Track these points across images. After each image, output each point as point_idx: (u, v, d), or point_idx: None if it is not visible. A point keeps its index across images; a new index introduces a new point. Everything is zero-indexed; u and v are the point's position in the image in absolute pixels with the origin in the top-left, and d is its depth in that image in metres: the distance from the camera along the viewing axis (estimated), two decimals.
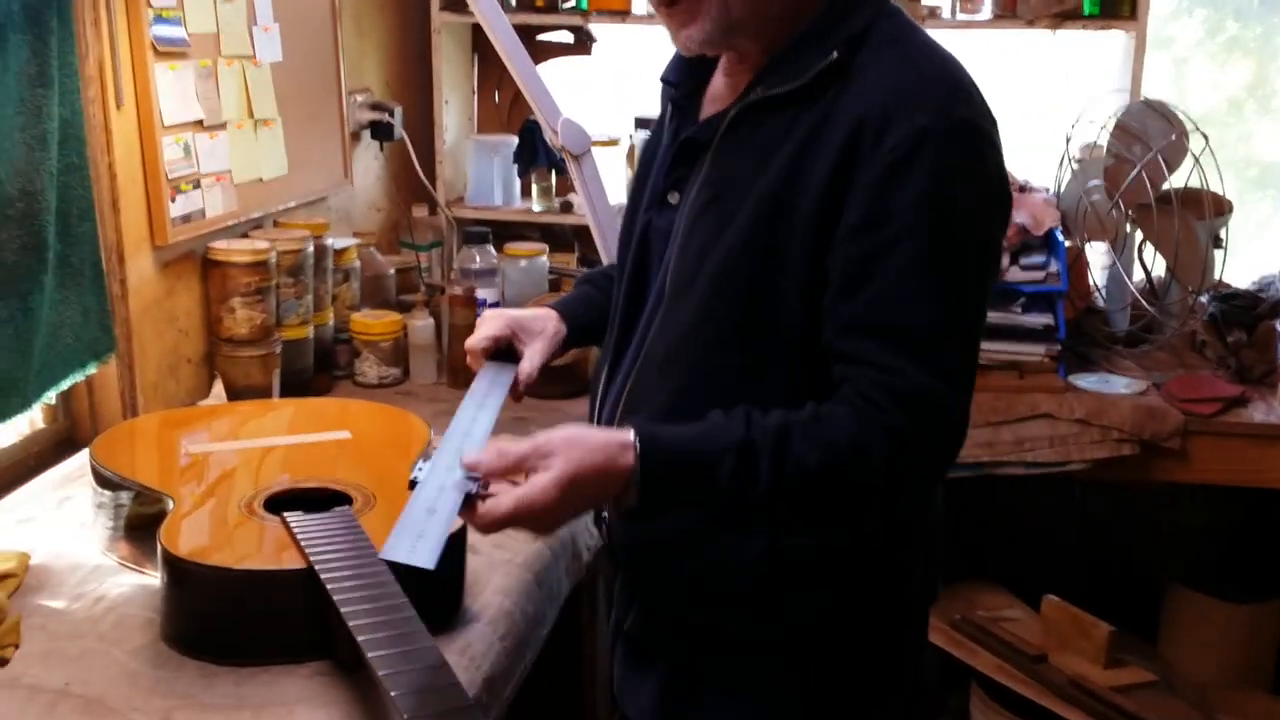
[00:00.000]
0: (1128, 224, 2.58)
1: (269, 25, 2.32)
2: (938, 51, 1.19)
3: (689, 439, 1.14)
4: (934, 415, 1.12)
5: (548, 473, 1.09)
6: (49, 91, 1.71)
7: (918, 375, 1.11)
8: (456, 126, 3.17)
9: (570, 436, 1.11)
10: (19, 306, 1.67)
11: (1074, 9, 2.68)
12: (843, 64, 1.16)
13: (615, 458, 1.10)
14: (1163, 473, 2.42)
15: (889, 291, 1.12)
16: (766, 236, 1.17)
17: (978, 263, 1.16)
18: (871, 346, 1.13)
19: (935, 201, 1.11)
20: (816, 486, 1.13)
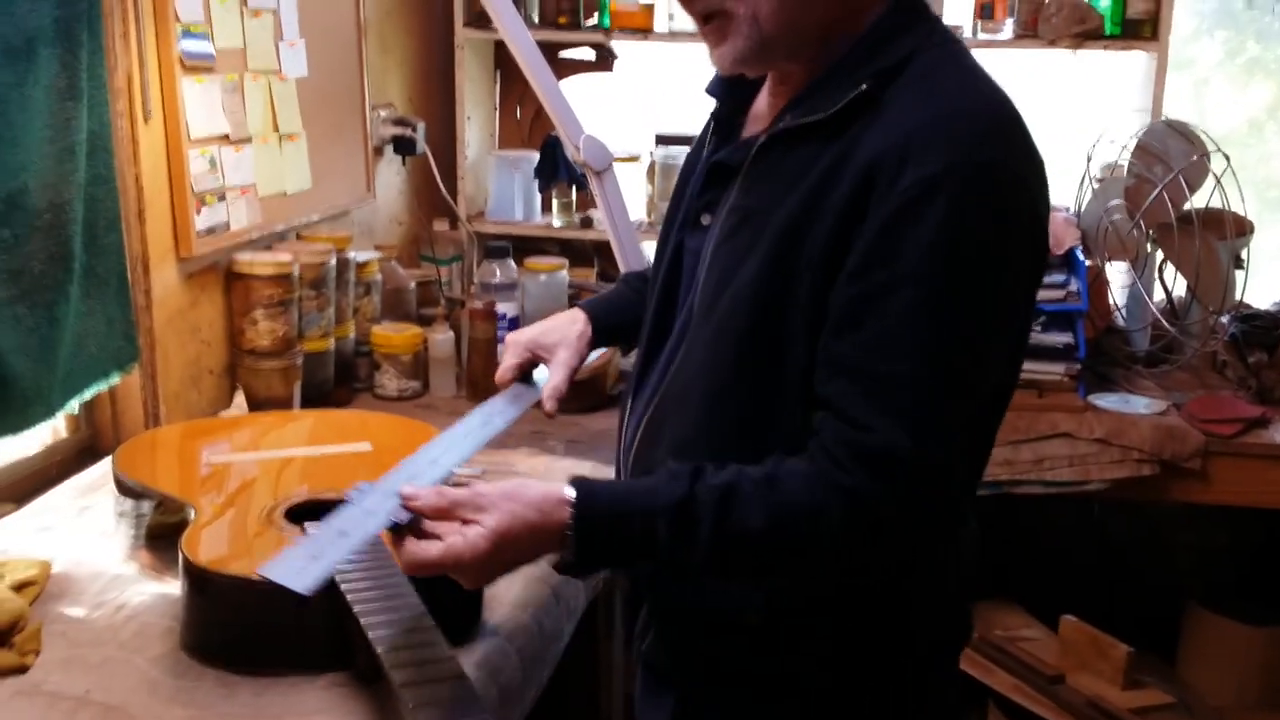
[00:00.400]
0: (1148, 244, 2.58)
1: (295, 41, 2.34)
2: (975, 87, 1.11)
3: (627, 497, 1.10)
4: (900, 477, 1.04)
5: (479, 527, 1.07)
6: (78, 104, 1.73)
7: (888, 432, 1.04)
8: (478, 142, 3.19)
9: (508, 490, 1.10)
10: (45, 316, 1.69)
11: (1095, 29, 2.69)
12: (873, 96, 1.10)
13: (550, 514, 1.08)
14: (1182, 493, 2.41)
15: (880, 337, 1.05)
16: (781, 271, 1.12)
17: (990, 318, 1.07)
18: (848, 392, 1.07)
19: (946, 247, 1.03)
20: (763, 550, 1.08)
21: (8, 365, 1.60)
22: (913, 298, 1.04)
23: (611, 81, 3.22)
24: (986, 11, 2.75)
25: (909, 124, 1.07)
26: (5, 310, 1.61)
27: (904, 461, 1.04)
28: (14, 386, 1.62)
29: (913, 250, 1.03)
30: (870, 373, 1.06)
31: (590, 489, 1.10)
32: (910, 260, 1.04)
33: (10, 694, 1.31)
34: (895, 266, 1.04)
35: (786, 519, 1.07)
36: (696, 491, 1.07)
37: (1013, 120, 1.10)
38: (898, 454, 1.04)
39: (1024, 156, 1.09)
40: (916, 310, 1.04)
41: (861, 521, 1.06)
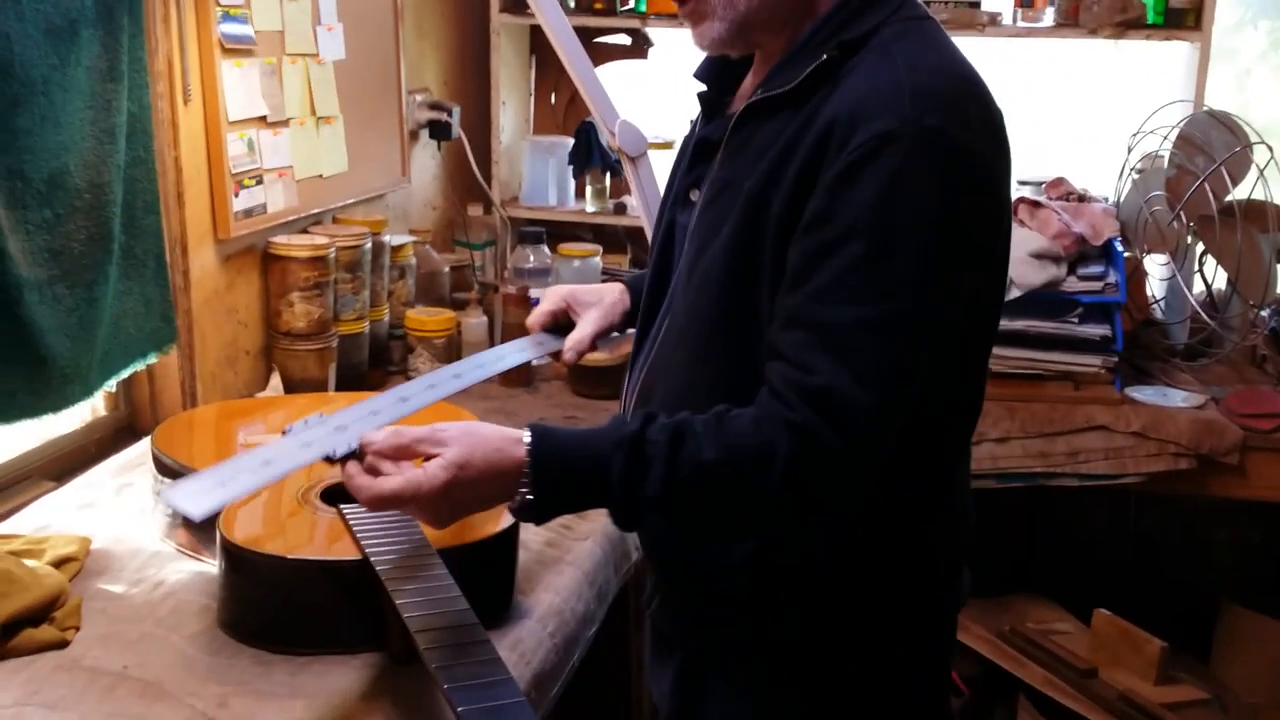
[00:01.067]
0: (1189, 236, 2.55)
1: (333, 24, 2.34)
2: (931, 59, 1.15)
3: (582, 436, 1.14)
4: (842, 415, 1.08)
5: (438, 459, 1.10)
6: (118, 86, 1.74)
7: (830, 373, 1.08)
8: (513, 127, 3.19)
9: (467, 428, 1.14)
10: (84, 296, 1.70)
11: (1138, 19, 2.66)
12: (834, 68, 1.15)
13: (507, 451, 1.11)
14: (1220, 488, 2.39)
15: (825, 288, 1.09)
16: (748, 237, 1.17)
17: (934, 274, 1.10)
18: (794, 340, 1.11)
19: (885, 204, 1.08)
20: (714, 485, 1.11)
21: (47, 344, 1.61)
22: (854, 250, 1.08)
23: (646, 68, 3.21)
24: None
25: (862, 91, 1.12)
26: (45, 290, 1.62)
27: (847, 399, 1.08)
28: (53, 365, 1.63)
29: (855, 206, 1.08)
30: (816, 321, 1.10)
31: (546, 429, 1.14)
32: (852, 215, 1.08)
33: (51, 668, 1.32)
34: (839, 222, 1.09)
35: (737, 453, 1.09)
36: (648, 430, 1.11)
37: (967, 91, 1.14)
38: (842, 391, 1.08)
39: (975, 126, 1.12)
40: (858, 262, 1.08)
41: (808, 456, 1.08)
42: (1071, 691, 2.38)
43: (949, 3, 2.73)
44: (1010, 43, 2.83)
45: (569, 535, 1.74)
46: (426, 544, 1.37)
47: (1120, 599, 2.61)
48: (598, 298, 1.51)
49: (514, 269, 2.64)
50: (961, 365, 1.22)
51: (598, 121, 2.29)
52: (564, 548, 1.70)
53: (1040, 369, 2.45)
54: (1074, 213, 2.53)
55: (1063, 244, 2.45)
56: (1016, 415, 2.38)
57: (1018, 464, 2.37)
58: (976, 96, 1.15)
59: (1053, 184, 2.70)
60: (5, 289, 1.53)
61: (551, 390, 2.46)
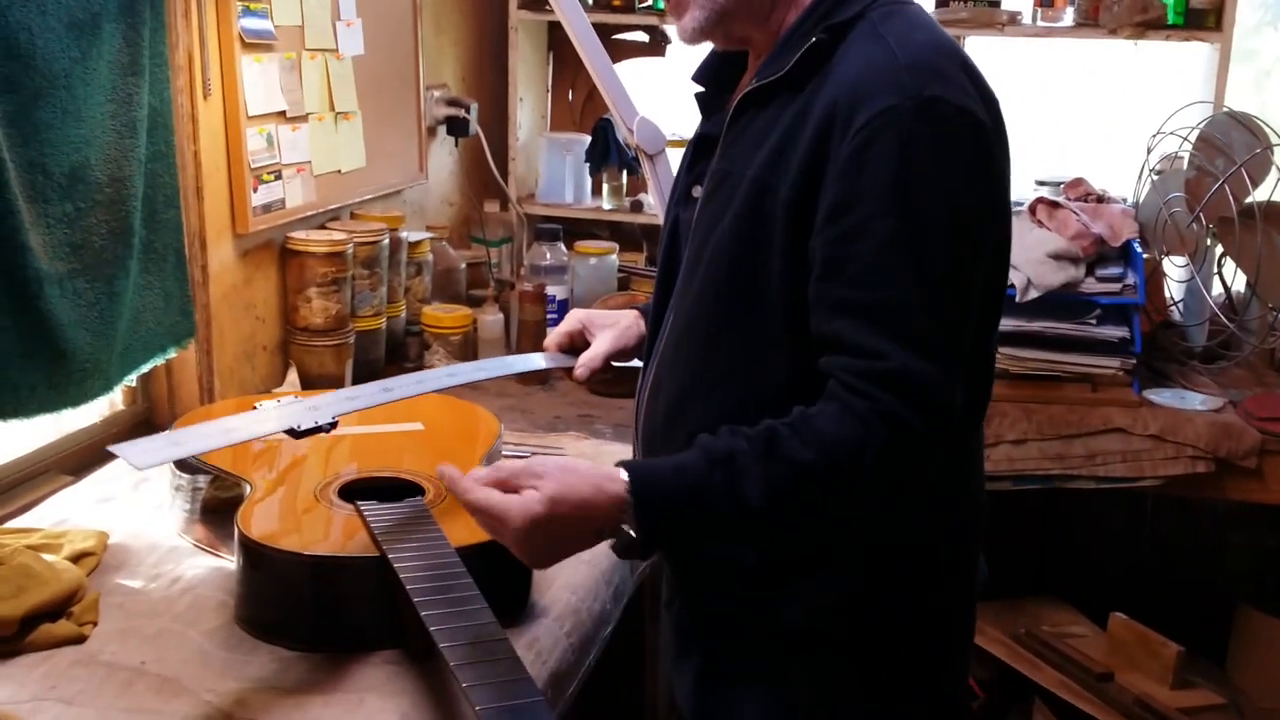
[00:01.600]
0: (1208, 237, 2.53)
1: (352, 20, 2.34)
2: (921, 36, 1.17)
3: (674, 464, 1.14)
4: (923, 394, 1.10)
5: (535, 492, 1.11)
6: (140, 80, 1.74)
7: (899, 355, 1.09)
8: (530, 124, 3.19)
9: (563, 464, 1.14)
10: (104, 290, 1.70)
11: (1158, 19, 2.64)
12: (825, 51, 1.17)
13: (604, 488, 1.11)
14: (1237, 492, 2.38)
15: (864, 271, 1.11)
16: (752, 226, 1.18)
17: (959, 237, 1.13)
18: (850, 327, 1.12)
19: (902, 178, 1.10)
20: (815, 484, 1.11)
21: (67, 339, 1.62)
22: (884, 229, 1.10)
23: (664, 65, 3.20)
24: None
25: (858, 71, 1.14)
26: (66, 284, 1.62)
27: (922, 377, 1.10)
28: (73, 360, 1.63)
29: (874, 186, 1.10)
30: (866, 305, 1.11)
31: (639, 465, 1.15)
32: (873, 196, 1.10)
33: (69, 663, 1.33)
34: (862, 205, 1.11)
35: (830, 450, 1.10)
36: (738, 440, 1.12)
37: (959, 65, 1.16)
38: (914, 373, 1.10)
39: (971, 94, 1.14)
40: (891, 239, 1.10)
41: (900, 441, 1.10)
42: (1087, 695, 2.37)
43: (968, 1, 2.72)
44: (1029, 42, 2.82)
45: None
46: (445, 542, 1.37)
47: (1136, 602, 2.60)
48: (614, 321, 1.55)
49: (530, 266, 2.64)
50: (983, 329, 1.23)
51: (615, 119, 2.29)
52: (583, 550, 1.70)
53: (1058, 371, 2.44)
54: (1093, 213, 2.51)
55: (1081, 245, 2.43)
56: (1033, 417, 2.37)
57: (1034, 466, 2.36)
58: (968, 70, 1.17)
59: (1071, 184, 2.69)
60: (26, 283, 1.54)
61: (567, 388, 2.45)
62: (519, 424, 2.17)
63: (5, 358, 1.53)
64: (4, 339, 1.52)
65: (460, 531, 1.40)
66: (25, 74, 1.53)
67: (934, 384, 1.11)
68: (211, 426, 1.12)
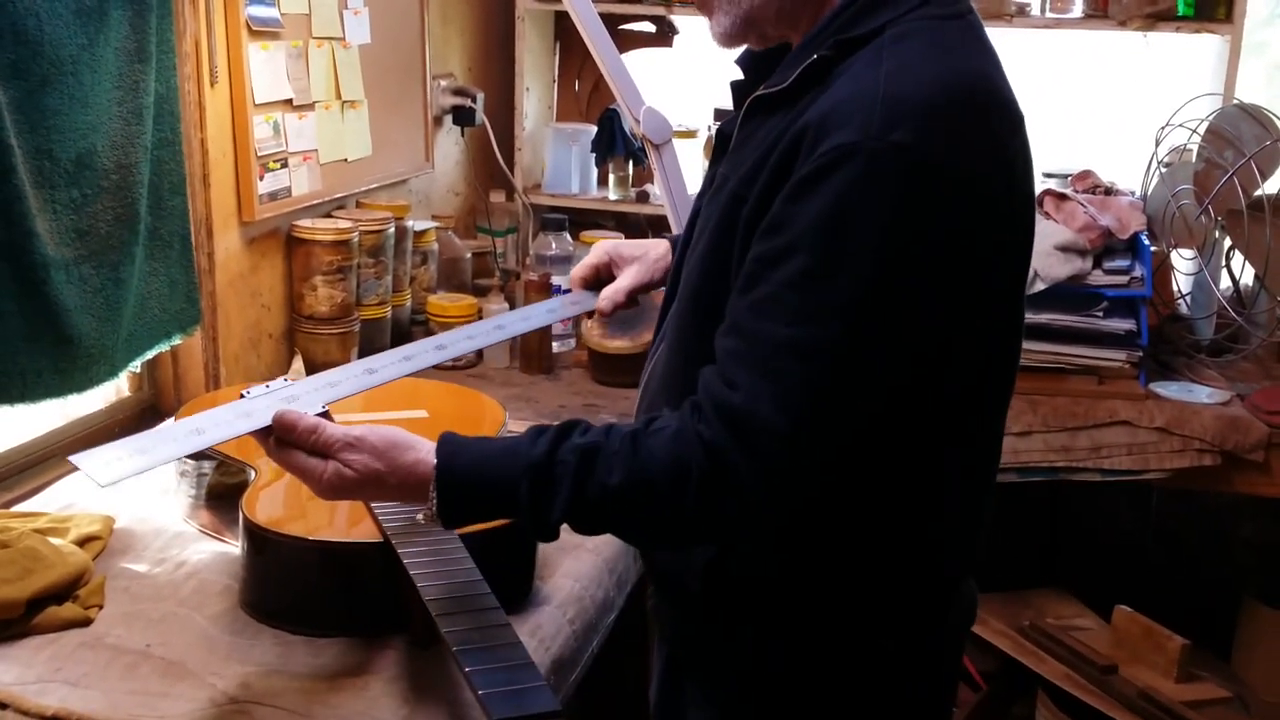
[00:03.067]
0: (1216, 230, 2.52)
1: (359, 9, 2.34)
2: (928, 67, 1.07)
3: (485, 462, 1.12)
4: (753, 437, 1.03)
5: (345, 470, 1.13)
6: (146, 67, 1.74)
7: (750, 392, 1.04)
8: (536, 114, 3.18)
9: (381, 446, 1.14)
10: (110, 276, 1.70)
11: (1168, 10, 2.63)
12: (828, 67, 1.10)
13: (411, 473, 1.13)
14: (1244, 485, 2.37)
15: (763, 300, 1.06)
16: (723, 236, 1.14)
17: (869, 302, 1.03)
18: (727, 347, 1.08)
19: (832, 222, 1.02)
20: (622, 508, 1.09)
21: (73, 324, 1.62)
22: (796, 265, 1.04)
23: (671, 56, 3.20)
24: None
25: (842, 95, 1.06)
26: (72, 270, 1.63)
27: (760, 420, 1.03)
28: (79, 345, 1.64)
29: (803, 220, 1.04)
30: (750, 332, 1.06)
31: (452, 453, 1.13)
32: (799, 228, 1.04)
33: (75, 646, 1.33)
34: (787, 232, 1.05)
35: (649, 474, 1.07)
36: (559, 450, 1.09)
37: (961, 102, 1.05)
38: (758, 418, 1.03)
39: (959, 142, 1.04)
40: (797, 278, 1.04)
41: (718, 475, 1.05)
42: (1091, 688, 2.37)
43: None
44: (1038, 33, 2.81)
45: None
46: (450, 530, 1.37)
47: (1141, 595, 2.60)
48: (642, 252, 1.49)
49: (536, 256, 2.64)
50: (944, 390, 1.12)
51: (622, 108, 2.29)
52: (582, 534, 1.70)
53: (1063, 363, 2.43)
54: (1100, 206, 2.51)
55: (1088, 237, 2.43)
56: (1039, 409, 2.36)
57: (1039, 458, 2.36)
58: (969, 107, 1.06)
59: (1079, 176, 2.68)
60: (32, 268, 1.54)
61: (573, 377, 2.46)
62: (524, 413, 2.17)
63: (11, 343, 1.53)
64: (10, 324, 1.53)
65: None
66: (33, 60, 1.53)
67: (772, 435, 1.03)
68: (179, 427, 1.10)
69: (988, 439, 1.25)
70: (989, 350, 1.16)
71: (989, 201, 1.07)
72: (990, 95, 1.09)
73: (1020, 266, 1.17)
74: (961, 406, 1.17)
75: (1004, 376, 1.22)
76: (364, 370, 1.27)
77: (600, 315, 1.48)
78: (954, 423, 1.17)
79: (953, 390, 1.14)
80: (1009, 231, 1.12)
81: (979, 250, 1.08)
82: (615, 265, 1.50)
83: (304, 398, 1.18)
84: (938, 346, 1.09)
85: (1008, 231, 1.12)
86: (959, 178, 1.04)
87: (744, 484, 1.05)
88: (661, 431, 1.08)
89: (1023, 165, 1.12)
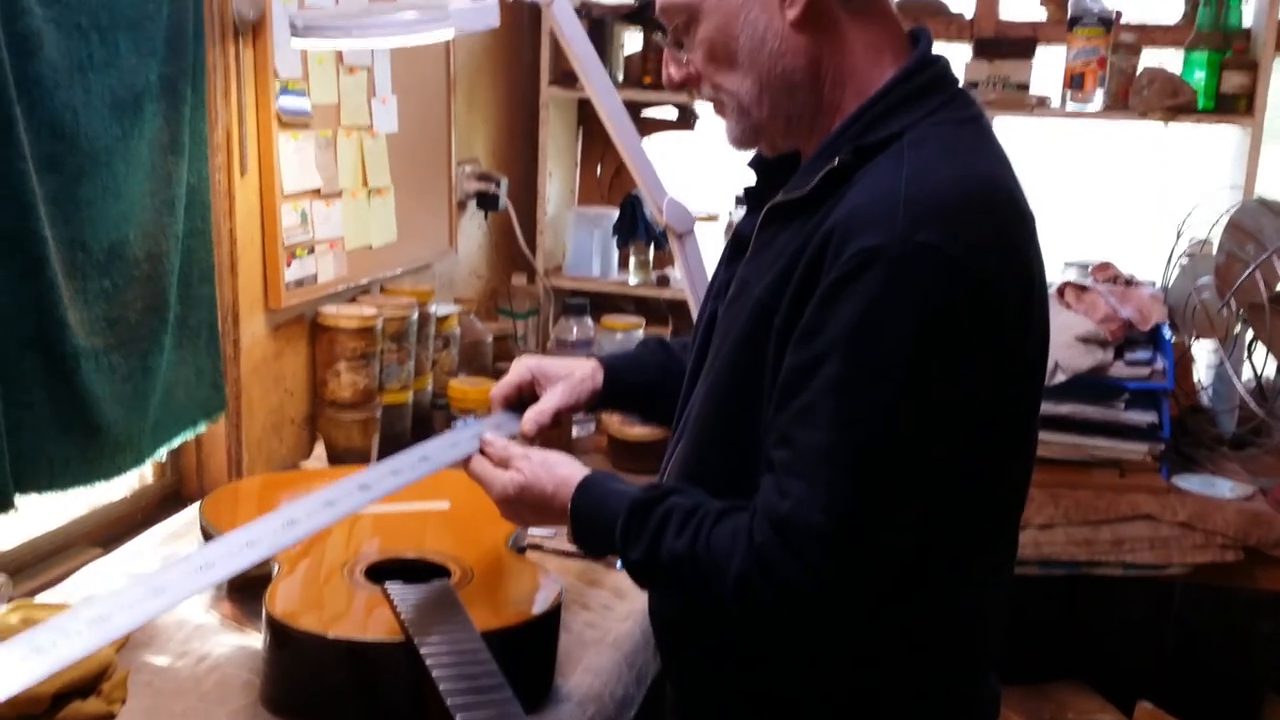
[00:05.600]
0: (1238, 323, 2.53)
1: (387, 98, 2.38)
2: (946, 167, 1.09)
3: (618, 492, 1.23)
4: (799, 539, 1.06)
5: (513, 474, 1.31)
6: (179, 159, 1.77)
7: (797, 498, 1.07)
8: (558, 197, 3.22)
9: (549, 459, 1.32)
10: (138, 365, 1.72)
11: (1188, 103, 2.66)
12: (849, 172, 1.12)
13: (559, 491, 1.28)
14: (1267, 581, 2.35)
15: (804, 409, 1.08)
16: (753, 345, 1.16)
17: (907, 400, 1.05)
18: (780, 458, 1.10)
19: (864, 326, 1.04)
20: (678, 575, 1.15)
21: (101, 413, 1.63)
22: (832, 371, 1.06)
23: (692, 139, 3.23)
24: (1076, 82, 2.72)
25: (861, 200, 1.08)
26: (101, 359, 1.64)
27: (806, 525, 1.07)
28: (106, 434, 1.65)
29: (836, 326, 1.06)
30: (794, 441, 1.09)
31: (593, 482, 1.27)
32: (832, 334, 1.06)
33: None
34: (821, 340, 1.07)
35: (703, 554, 1.13)
36: (661, 503, 1.18)
37: (979, 204, 1.07)
38: (803, 517, 1.07)
39: (979, 242, 1.05)
40: (834, 383, 1.06)
41: (760, 574, 1.09)
42: None
43: (998, 85, 2.74)
44: (1059, 124, 2.84)
45: (609, 615, 1.73)
46: (469, 624, 1.37)
47: (1163, 691, 2.56)
48: (567, 372, 1.47)
49: (557, 340, 2.65)
50: (967, 484, 1.14)
51: (644, 196, 2.31)
52: (604, 628, 1.69)
53: (1085, 455, 2.42)
54: (1121, 297, 2.51)
55: (1110, 328, 2.43)
56: (1061, 502, 2.35)
57: (1061, 551, 2.34)
58: (991, 209, 1.08)
59: (1100, 267, 2.70)
60: (63, 358, 1.56)
61: (592, 463, 2.42)
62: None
63: (39, 432, 1.54)
64: (39, 414, 1.54)
65: (486, 615, 1.40)
66: (69, 153, 1.56)
67: (817, 538, 1.06)
68: (140, 589, 1.10)
69: (1009, 534, 1.26)
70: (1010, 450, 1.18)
71: (1011, 301, 1.09)
72: (1008, 199, 1.12)
73: (1038, 370, 1.18)
74: (986, 502, 1.18)
75: (1023, 474, 1.23)
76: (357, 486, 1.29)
77: (524, 439, 1.43)
78: (980, 519, 1.18)
79: (979, 485, 1.15)
80: (1029, 330, 1.14)
81: (1004, 348, 1.10)
82: (538, 384, 1.47)
83: (303, 521, 1.21)
84: (970, 442, 1.11)
85: (1028, 330, 1.13)
86: (984, 277, 1.05)
87: (787, 584, 1.08)
88: (733, 520, 1.14)
89: (1039, 267, 1.15)
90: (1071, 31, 2.71)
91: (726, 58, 1.19)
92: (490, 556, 1.60)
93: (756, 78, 1.18)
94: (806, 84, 1.18)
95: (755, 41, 1.17)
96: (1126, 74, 2.72)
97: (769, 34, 1.16)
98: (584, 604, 1.73)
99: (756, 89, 1.19)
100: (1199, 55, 2.69)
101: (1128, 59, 2.73)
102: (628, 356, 1.56)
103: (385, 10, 1.99)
